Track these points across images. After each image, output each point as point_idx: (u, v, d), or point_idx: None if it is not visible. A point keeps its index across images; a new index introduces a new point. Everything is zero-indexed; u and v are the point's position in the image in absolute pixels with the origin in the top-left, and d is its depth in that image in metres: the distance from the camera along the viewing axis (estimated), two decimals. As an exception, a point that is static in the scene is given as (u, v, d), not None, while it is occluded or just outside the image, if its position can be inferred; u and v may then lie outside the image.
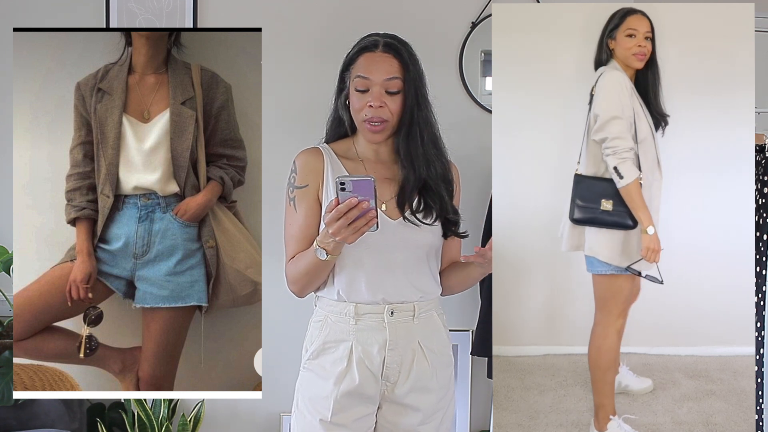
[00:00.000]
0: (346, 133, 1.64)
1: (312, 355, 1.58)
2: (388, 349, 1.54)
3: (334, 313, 1.56)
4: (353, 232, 1.39)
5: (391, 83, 1.54)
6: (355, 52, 1.59)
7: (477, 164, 2.18)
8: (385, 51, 1.56)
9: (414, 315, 1.57)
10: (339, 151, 1.62)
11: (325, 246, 1.45)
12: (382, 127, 1.55)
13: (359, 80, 1.55)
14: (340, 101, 1.62)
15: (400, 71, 1.55)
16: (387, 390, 1.56)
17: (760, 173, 2.06)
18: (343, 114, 1.62)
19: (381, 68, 1.54)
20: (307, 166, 1.59)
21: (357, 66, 1.57)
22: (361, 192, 1.36)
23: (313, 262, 1.49)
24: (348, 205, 1.36)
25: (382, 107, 1.53)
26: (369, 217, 1.38)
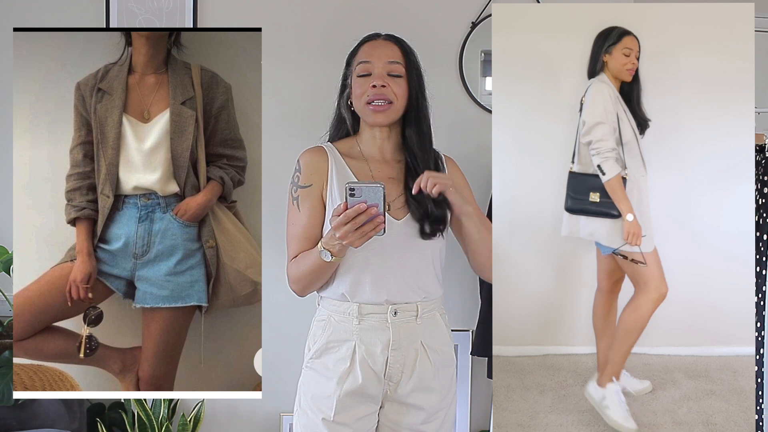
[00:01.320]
0: (348, 133, 1.65)
1: (315, 354, 1.58)
2: (392, 349, 1.54)
3: (338, 313, 1.56)
4: (360, 236, 1.39)
5: (393, 66, 1.56)
6: (356, 46, 1.63)
7: (477, 164, 2.18)
8: (386, 39, 1.60)
9: (417, 315, 1.57)
10: (343, 150, 1.62)
11: (330, 248, 1.45)
12: (386, 108, 1.55)
13: (361, 66, 1.57)
14: (343, 101, 1.62)
15: (401, 57, 1.58)
16: (390, 389, 1.57)
17: (760, 173, 2.06)
18: (345, 113, 1.63)
19: (383, 52, 1.57)
20: (312, 166, 1.59)
21: (359, 55, 1.59)
22: (370, 198, 1.37)
23: (316, 263, 1.49)
24: (357, 210, 1.37)
25: (386, 87, 1.54)
26: (376, 222, 1.39)
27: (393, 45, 1.59)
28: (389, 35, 1.62)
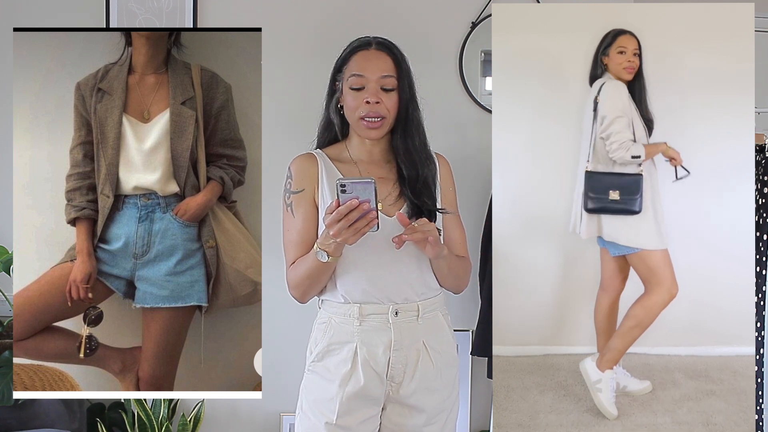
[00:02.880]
0: (336, 138, 1.64)
1: (317, 358, 1.58)
2: (393, 350, 1.54)
3: (338, 315, 1.56)
4: (354, 233, 1.39)
5: (386, 81, 1.55)
6: (347, 53, 1.59)
7: (477, 164, 2.18)
8: (378, 49, 1.57)
9: (418, 315, 1.57)
10: (332, 155, 1.62)
11: (325, 248, 1.45)
12: (380, 124, 1.55)
13: (354, 78, 1.55)
14: (332, 105, 1.62)
15: (394, 69, 1.56)
16: (392, 390, 1.56)
17: (760, 173, 2.06)
18: (334, 118, 1.62)
19: (376, 66, 1.55)
20: (302, 171, 1.59)
21: (350, 65, 1.57)
22: (361, 194, 1.36)
23: (314, 265, 1.49)
24: (349, 206, 1.36)
25: (379, 103, 1.53)
26: (369, 218, 1.38)
27: (385, 56, 1.56)
28: (380, 43, 1.58)
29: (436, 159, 1.66)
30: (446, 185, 1.66)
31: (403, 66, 1.57)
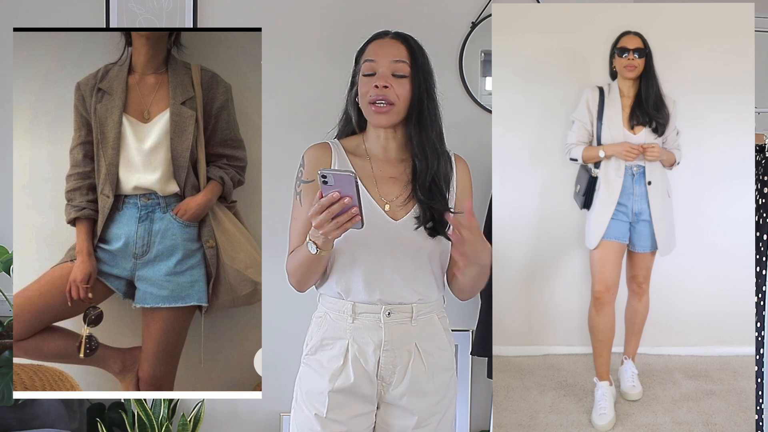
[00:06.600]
0: (354, 131, 1.64)
1: (310, 351, 1.58)
2: (384, 350, 1.53)
3: (333, 310, 1.56)
4: (336, 227, 1.36)
5: (397, 66, 1.55)
6: (364, 44, 1.61)
7: (477, 164, 2.17)
8: (393, 38, 1.59)
9: (412, 317, 1.55)
10: (348, 147, 1.62)
11: (315, 240, 1.44)
12: (388, 109, 1.54)
13: (366, 64, 1.56)
14: (350, 98, 1.62)
15: (407, 56, 1.56)
16: (383, 390, 1.56)
17: (760, 173, 2.06)
18: (351, 111, 1.62)
19: (388, 51, 1.56)
20: (315, 161, 1.59)
21: (366, 53, 1.59)
22: (343, 187, 1.33)
23: (305, 256, 1.49)
24: (330, 199, 1.34)
25: (388, 88, 1.53)
26: (351, 213, 1.35)
27: (399, 44, 1.57)
28: (397, 33, 1.60)
29: (453, 161, 1.63)
30: (463, 189, 1.63)
31: (417, 56, 1.57)
